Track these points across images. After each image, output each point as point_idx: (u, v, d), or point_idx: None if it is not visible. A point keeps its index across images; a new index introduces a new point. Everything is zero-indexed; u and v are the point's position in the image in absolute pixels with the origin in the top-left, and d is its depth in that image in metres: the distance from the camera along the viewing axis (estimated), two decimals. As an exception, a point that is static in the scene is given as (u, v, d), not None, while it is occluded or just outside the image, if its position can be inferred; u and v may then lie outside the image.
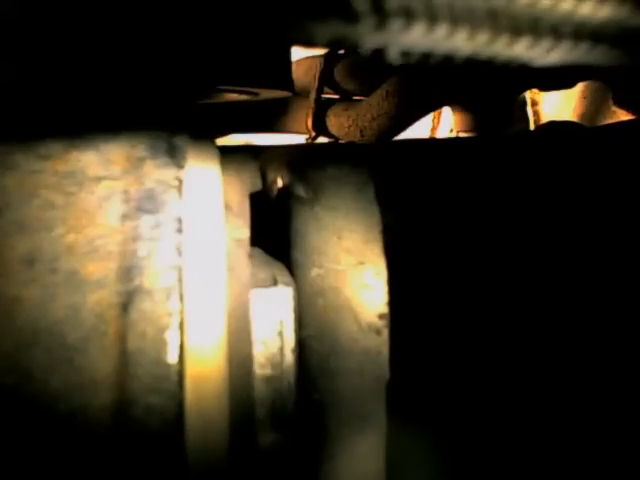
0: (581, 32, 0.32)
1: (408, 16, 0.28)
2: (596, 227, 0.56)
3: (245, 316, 0.45)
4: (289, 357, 0.46)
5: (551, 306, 0.54)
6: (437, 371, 0.54)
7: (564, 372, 0.54)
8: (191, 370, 0.40)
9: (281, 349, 0.47)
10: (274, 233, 0.51)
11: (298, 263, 0.49)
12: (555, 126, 0.69)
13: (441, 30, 0.29)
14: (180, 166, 0.44)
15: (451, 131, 1.44)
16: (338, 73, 1.29)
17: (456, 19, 0.29)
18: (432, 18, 0.28)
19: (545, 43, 0.31)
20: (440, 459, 0.55)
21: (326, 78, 1.29)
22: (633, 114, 1.08)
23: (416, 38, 0.29)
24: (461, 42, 0.30)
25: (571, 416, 0.55)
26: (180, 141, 0.46)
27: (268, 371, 0.46)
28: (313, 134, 1.31)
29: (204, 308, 0.41)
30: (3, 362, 0.38)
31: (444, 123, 1.60)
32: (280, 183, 0.54)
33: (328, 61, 1.28)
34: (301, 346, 0.47)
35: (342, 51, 1.29)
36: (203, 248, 0.42)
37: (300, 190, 0.51)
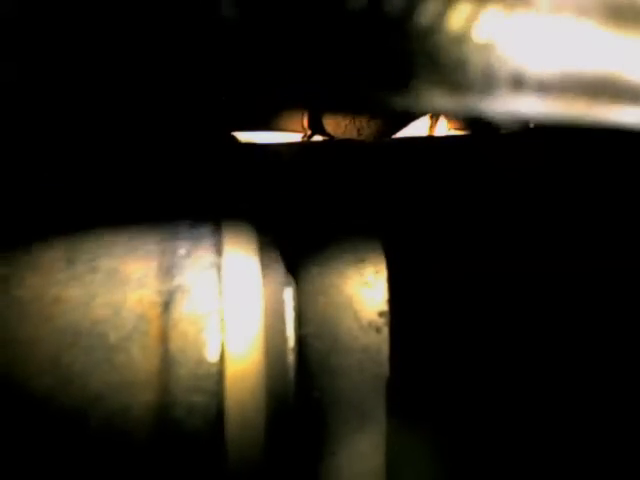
0: None
1: (517, 84, 0.28)
2: (596, 228, 0.56)
3: (281, 313, 0.44)
4: (289, 355, 0.46)
5: (550, 307, 0.54)
6: (436, 369, 0.54)
7: (561, 370, 0.54)
8: (230, 368, 0.40)
9: (282, 347, 0.46)
10: (275, 232, 0.51)
11: (299, 261, 0.49)
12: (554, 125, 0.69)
13: (550, 99, 0.28)
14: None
15: (449, 129, 1.44)
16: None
17: (567, 88, 0.28)
18: (543, 88, 0.28)
19: None
20: (439, 456, 0.55)
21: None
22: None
23: (525, 106, 0.29)
24: (571, 110, 0.29)
25: (570, 415, 0.55)
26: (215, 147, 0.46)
27: (269, 370, 0.46)
28: (309, 133, 1.31)
29: (242, 306, 0.41)
30: (44, 363, 0.38)
31: (441, 121, 1.60)
32: (279, 182, 0.54)
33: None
34: (301, 344, 0.47)
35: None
36: (239, 247, 0.42)
37: (299, 188, 0.51)
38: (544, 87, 0.28)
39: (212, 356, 0.39)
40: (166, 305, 0.39)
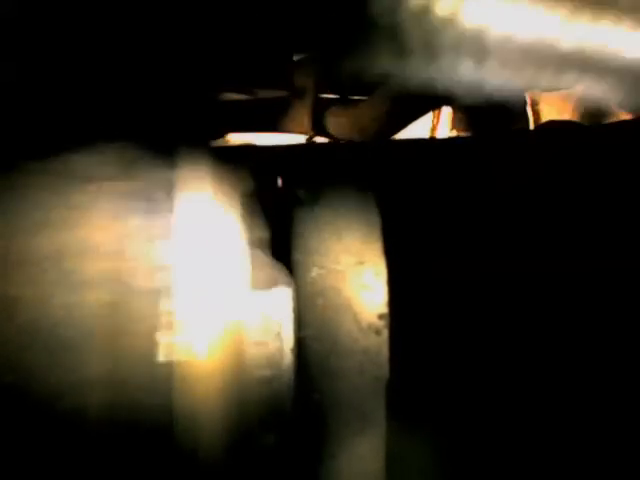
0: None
1: (457, 53, 0.28)
2: (597, 229, 0.56)
3: (240, 316, 0.45)
4: (288, 357, 0.46)
5: (551, 308, 0.54)
6: (436, 371, 0.54)
7: (560, 371, 0.54)
8: (182, 370, 0.40)
9: (280, 349, 0.47)
10: (274, 233, 0.51)
11: (298, 263, 0.49)
12: (555, 125, 0.69)
13: (490, 66, 0.29)
14: (173, 166, 0.44)
15: (451, 130, 1.44)
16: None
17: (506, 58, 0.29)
18: (481, 57, 0.29)
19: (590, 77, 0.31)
20: (439, 458, 0.55)
21: (325, 78, 1.28)
22: (633, 114, 1.08)
23: (464, 74, 0.29)
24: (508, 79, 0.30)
25: (571, 416, 0.55)
26: (173, 142, 0.46)
27: (267, 372, 0.46)
28: (312, 134, 1.31)
29: (198, 308, 0.41)
30: (3, 362, 0.39)
31: (444, 122, 1.60)
32: (280, 183, 0.54)
33: (327, 61, 1.28)
34: (301, 346, 0.47)
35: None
36: (197, 248, 0.42)
37: (300, 191, 0.51)
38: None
39: (161, 356, 0.40)
40: (116, 305, 0.40)
